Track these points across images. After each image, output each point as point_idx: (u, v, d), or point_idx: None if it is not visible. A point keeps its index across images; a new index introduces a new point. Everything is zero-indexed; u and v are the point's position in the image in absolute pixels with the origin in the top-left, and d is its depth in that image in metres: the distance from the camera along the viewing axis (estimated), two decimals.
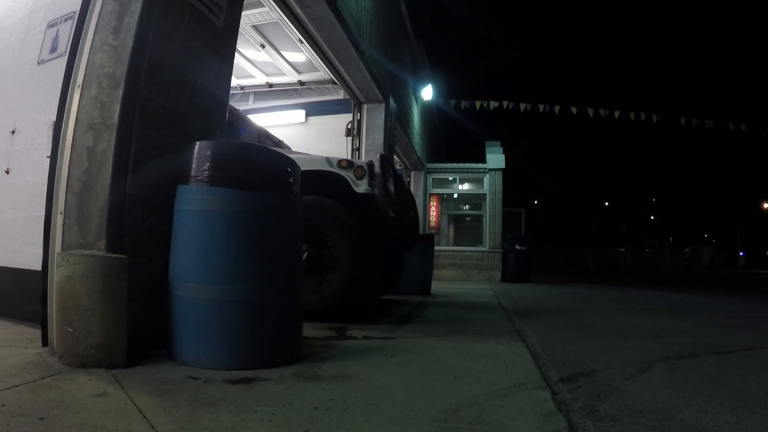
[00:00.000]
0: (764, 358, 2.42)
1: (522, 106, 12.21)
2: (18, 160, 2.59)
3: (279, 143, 4.57)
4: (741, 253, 41.21)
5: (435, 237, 9.01)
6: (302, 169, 3.37)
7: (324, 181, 3.52)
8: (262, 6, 4.93)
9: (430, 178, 12.18)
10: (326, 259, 3.43)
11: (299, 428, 1.32)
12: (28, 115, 2.57)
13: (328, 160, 3.54)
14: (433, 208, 12.16)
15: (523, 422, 1.41)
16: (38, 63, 2.59)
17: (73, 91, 2.19)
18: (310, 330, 2.77)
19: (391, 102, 7.64)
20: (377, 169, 3.58)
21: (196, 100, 2.43)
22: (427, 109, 13.01)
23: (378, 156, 3.73)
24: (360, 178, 3.50)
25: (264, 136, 4.54)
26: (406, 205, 4.32)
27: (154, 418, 1.35)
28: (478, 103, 12.03)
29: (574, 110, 11.72)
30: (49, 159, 2.24)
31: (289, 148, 3.67)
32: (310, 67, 6.44)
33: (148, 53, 2.15)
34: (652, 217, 51.21)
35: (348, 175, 3.50)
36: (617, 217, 49.15)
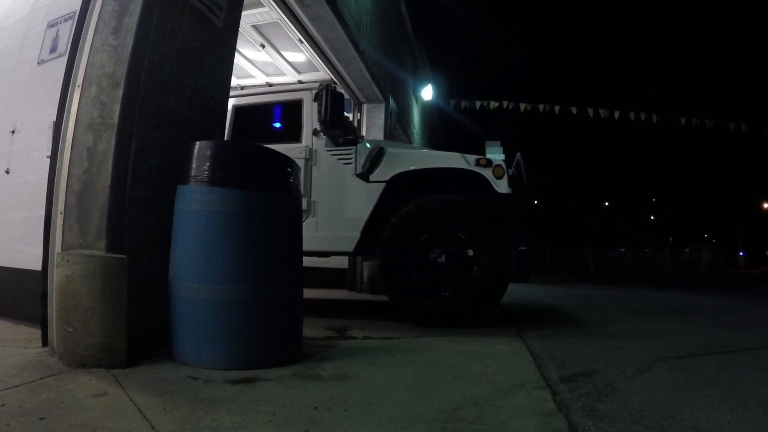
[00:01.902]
0: (764, 358, 2.42)
1: (522, 106, 12.21)
2: (18, 160, 2.59)
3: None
4: (741, 253, 41.20)
5: None
6: (437, 166, 3.45)
7: (458, 180, 3.46)
8: (262, 6, 4.93)
9: None
10: (464, 262, 3.27)
11: (299, 428, 1.32)
12: (28, 115, 2.57)
13: (464, 157, 3.46)
14: None
15: (523, 422, 1.41)
16: (38, 63, 2.59)
17: (73, 91, 2.19)
18: (310, 330, 2.77)
19: (391, 102, 7.64)
20: (515, 167, 3.52)
21: (196, 100, 2.43)
22: (427, 109, 13.01)
23: (518, 154, 3.65)
24: (499, 177, 3.41)
25: None
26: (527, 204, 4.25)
27: (154, 418, 1.35)
28: (478, 103, 12.02)
29: (574, 110, 11.72)
30: (49, 159, 2.24)
31: (419, 147, 3.73)
32: (310, 67, 6.43)
33: (148, 53, 2.15)
34: (652, 217, 51.19)
35: (487, 173, 3.40)
36: (617, 217, 49.12)
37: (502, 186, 3.34)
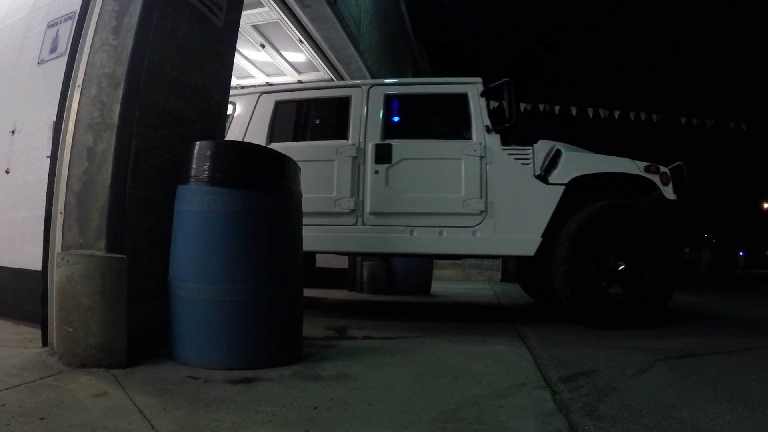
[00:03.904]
0: (764, 358, 2.42)
1: (522, 105, 12.21)
2: (18, 160, 2.59)
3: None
4: (741, 253, 41.21)
5: None
6: (613, 171, 3.45)
7: (627, 185, 3.52)
8: (262, 6, 4.93)
9: None
10: (642, 267, 3.32)
11: (299, 428, 1.32)
12: (28, 115, 2.57)
13: (635, 163, 3.50)
14: None
15: (523, 422, 1.41)
16: (38, 63, 2.59)
17: (73, 91, 2.19)
18: (310, 330, 2.77)
19: None
20: (679, 175, 3.56)
21: (196, 100, 2.43)
22: None
23: (680, 163, 3.67)
24: (666, 183, 3.49)
25: None
26: None
27: (154, 418, 1.35)
28: None
29: (573, 111, 11.72)
30: (49, 159, 2.24)
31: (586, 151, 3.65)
32: (310, 67, 6.44)
33: (148, 53, 2.15)
34: None
35: (655, 179, 3.47)
36: None
37: (669, 192, 3.48)
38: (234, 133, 3.82)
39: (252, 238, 2.00)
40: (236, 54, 3.07)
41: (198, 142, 2.09)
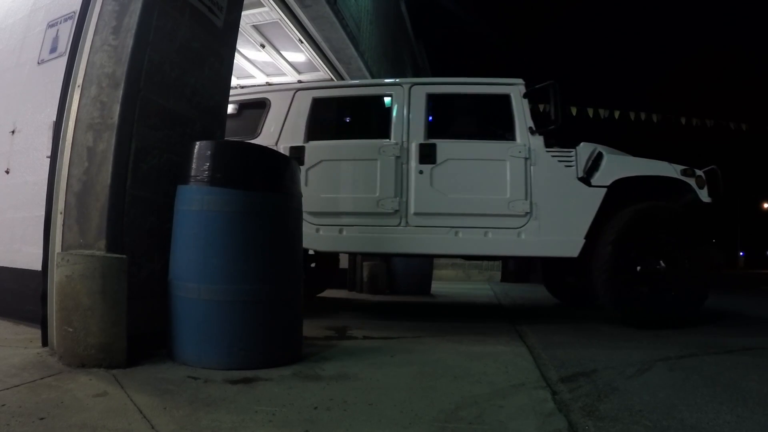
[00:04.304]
0: (764, 358, 2.42)
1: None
2: (18, 160, 2.59)
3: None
4: (741, 253, 41.19)
5: None
6: (653, 174, 3.49)
7: (662, 187, 3.56)
8: (262, 6, 4.93)
9: None
10: (683, 268, 3.37)
11: (299, 428, 1.32)
12: (28, 115, 2.57)
13: (672, 166, 3.54)
14: None
15: (523, 422, 1.41)
16: (38, 63, 2.59)
17: (73, 91, 2.19)
18: (310, 330, 2.77)
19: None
20: (714, 178, 3.60)
21: (197, 100, 2.43)
22: None
23: (714, 167, 3.71)
24: (701, 187, 3.53)
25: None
26: None
27: (154, 418, 1.35)
28: None
29: (573, 111, 11.72)
30: (49, 159, 2.24)
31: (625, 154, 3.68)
32: (310, 67, 6.44)
33: (148, 53, 2.15)
34: None
35: (691, 182, 3.51)
36: None
37: (704, 195, 3.53)
38: (269, 130, 3.75)
39: (252, 238, 2.00)
40: (236, 54, 3.07)
41: (198, 142, 2.09)
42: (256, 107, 3.92)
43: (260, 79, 7.05)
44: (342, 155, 3.60)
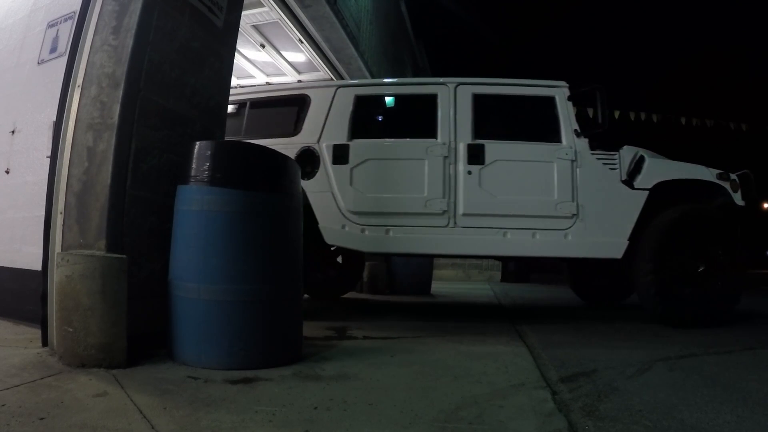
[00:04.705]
0: (764, 358, 2.42)
1: None
2: (18, 160, 2.59)
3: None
4: None
5: None
6: (692, 177, 3.58)
7: (697, 190, 3.64)
8: (262, 6, 4.94)
9: None
10: (720, 270, 3.43)
11: (299, 428, 1.32)
12: (28, 115, 2.57)
13: (708, 170, 3.63)
14: None
15: (523, 422, 1.41)
16: (38, 63, 2.59)
17: (73, 91, 2.19)
18: (310, 330, 2.77)
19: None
20: (746, 182, 3.69)
21: (197, 100, 2.43)
22: None
23: (747, 171, 3.78)
24: (735, 190, 3.61)
25: None
26: None
27: (154, 418, 1.35)
28: None
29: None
30: (49, 159, 2.24)
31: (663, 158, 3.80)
32: (310, 67, 6.44)
33: (148, 53, 2.15)
34: None
35: (726, 186, 3.60)
36: None
37: (738, 199, 3.62)
38: (309, 127, 3.69)
39: (252, 238, 2.00)
40: (236, 54, 3.07)
41: (198, 142, 2.09)
42: (293, 103, 3.86)
43: (260, 79, 7.06)
44: (388, 154, 3.57)
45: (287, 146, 3.53)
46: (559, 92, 3.63)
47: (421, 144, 3.55)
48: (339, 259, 5.19)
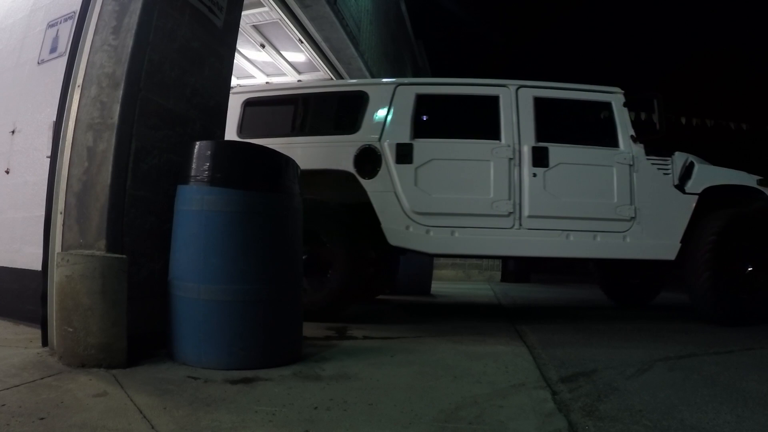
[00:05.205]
0: (764, 358, 2.42)
1: None
2: (18, 160, 2.59)
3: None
4: None
5: None
6: (736, 183, 3.74)
7: (737, 194, 3.79)
8: (262, 6, 4.94)
9: None
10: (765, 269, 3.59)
11: (299, 428, 1.32)
12: (28, 115, 2.57)
13: (750, 176, 3.79)
14: None
15: (523, 422, 1.41)
16: (38, 63, 2.59)
17: (73, 91, 2.19)
18: (310, 330, 2.77)
19: None
20: None
21: (196, 100, 2.43)
22: None
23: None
24: None
25: None
26: None
27: (154, 418, 1.35)
28: None
29: None
30: (49, 159, 2.24)
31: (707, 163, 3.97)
32: (310, 67, 6.45)
33: (148, 53, 2.15)
34: None
35: (766, 191, 3.76)
36: None
37: None
38: (369, 125, 3.62)
39: (252, 238, 2.00)
40: (236, 54, 3.07)
41: (198, 142, 2.09)
42: (351, 100, 3.81)
43: (260, 79, 7.06)
44: (453, 155, 3.57)
45: (346, 144, 3.54)
46: (616, 98, 3.74)
47: (485, 145, 3.56)
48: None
